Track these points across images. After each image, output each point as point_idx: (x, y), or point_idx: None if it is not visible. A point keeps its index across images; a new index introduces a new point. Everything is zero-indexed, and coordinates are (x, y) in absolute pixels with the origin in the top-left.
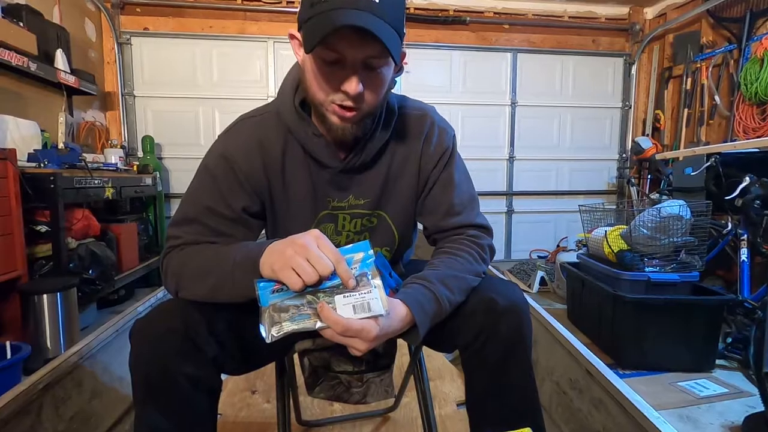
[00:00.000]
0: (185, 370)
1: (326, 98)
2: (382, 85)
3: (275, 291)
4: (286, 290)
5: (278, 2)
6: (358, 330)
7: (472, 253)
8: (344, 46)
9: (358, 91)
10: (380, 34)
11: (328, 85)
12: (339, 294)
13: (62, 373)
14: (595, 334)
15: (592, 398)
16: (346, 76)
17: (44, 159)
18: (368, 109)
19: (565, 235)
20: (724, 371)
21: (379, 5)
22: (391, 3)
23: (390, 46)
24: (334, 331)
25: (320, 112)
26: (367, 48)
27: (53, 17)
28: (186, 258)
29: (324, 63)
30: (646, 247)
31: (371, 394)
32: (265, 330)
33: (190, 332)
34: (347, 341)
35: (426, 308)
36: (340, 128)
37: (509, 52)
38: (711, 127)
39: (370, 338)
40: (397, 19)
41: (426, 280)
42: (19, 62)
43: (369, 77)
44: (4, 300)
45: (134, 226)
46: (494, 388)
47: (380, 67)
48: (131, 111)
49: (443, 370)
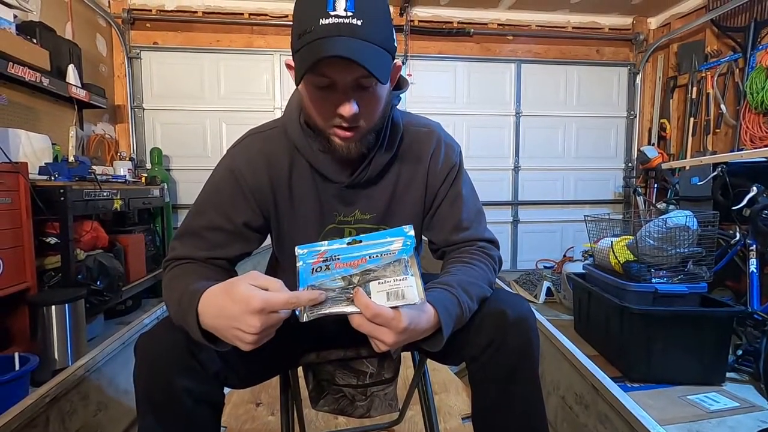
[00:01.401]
0: (187, 385)
1: (325, 123)
2: (377, 102)
3: (315, 270)
4: (325, 270)
5: (284, 16)
6: (389, 318)
7: (485, 262)
8: (332, 72)
9: (353, 112)
10: (363, 60)
11: (324, 110)
12: (374, 280)
13: (69, 386)
14: (602, 345)
15: (599, 414)
16: (339, 100)
17: (55, 172)
18: (368, 126)
19: (572, 244)
20: (734, 384)
21: (362, 27)
22: (375, 21)
23: (374, 68)
24: (364, 317)
25: (324, 135)
26: (355, 71)
27: (66, 33)
28: (172, 278)
29: (317, 89)
30: (652, 258)
31: (375, 408)
32: (299, 311)
33: (193, 347)
34: (375, 331)
35: (450, 312)
36: (344, 147)
37: (513, 62)
38: (717, 137)
39: (399, 329)
40: (384, 36)
41: (448, 284)
42: (32, 77)
43: (363, 97)
44: (14, 311)
45: (142, 238)
46: (501, 402)
47: (372, 85)
48: (140, 123)
49: (448, 383)
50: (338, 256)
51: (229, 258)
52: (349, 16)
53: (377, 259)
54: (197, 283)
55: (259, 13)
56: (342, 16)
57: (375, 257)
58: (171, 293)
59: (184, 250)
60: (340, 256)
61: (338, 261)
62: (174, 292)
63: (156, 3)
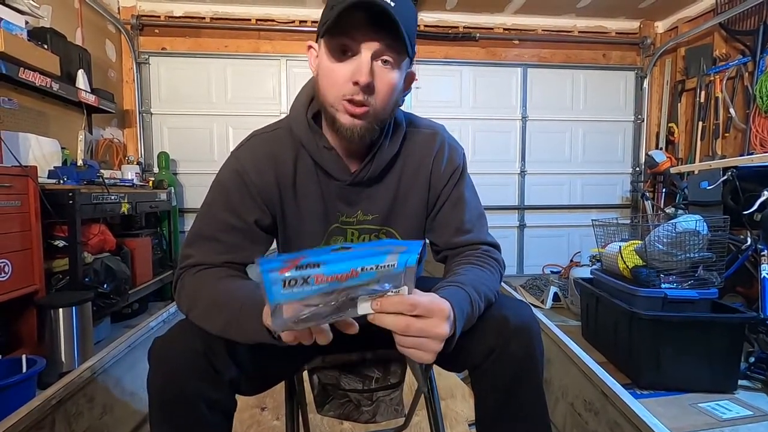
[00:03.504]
0: (203, 393)
1: (337, 94)
2: (391, 84)
3: (288, 284)
4: (302, 284)
5: (291, 22)
6: (429, 303)
7: (492, 265)
8: (355, 32)
9: (369, 80)
10: (392, 22)
11: (339, 79)
12: (364, 294)
13: (75, 388)
14: (611, 352)
15: (609, 421)
16: (358, 67)
17: (63, 176)
18: (378, 106)
19: (579, 249)
20: (747, 392)
21: (395, 8)
22: (406, 9)
23: (399, 36)
24: (404, 313)
25: (331, 115)
26: (381, 35)
27: (76, 39)
28: (199, 285)
29: (336, 54)
30: (662, 263)
31: (381, 413)
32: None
33: (209, 353)
34: (427, 325)
35: (463, 310)
36: (349, 129)
37: (519, 67)
38: (727, 141)
39: (446, 311)
40: (410, 27)
41: (460, 283)
42: (42, 83)
43: (379, 73)
44: (22, 314)
45: (148, 241)
46: (504, 409)
47: (391, 61)
48: (148, 128)
49: (455, 389)
50: (318, 264)
51: (243, 263)
52: None
53: (371, 273)
54: (252, 282)
55: (265, 18)
56: None
57: (369, 270)
58: (211, 295)
59: (200, 256)
60: (321, 265)
61: (320, 274)
62: (218, 297)
63: (164, 9)
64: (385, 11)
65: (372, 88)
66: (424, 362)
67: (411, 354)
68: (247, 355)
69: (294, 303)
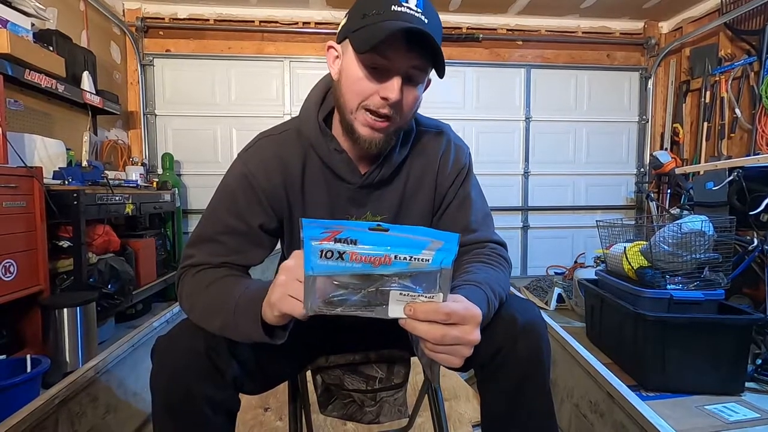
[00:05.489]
0: (206, 392)
1: (361, 104)
2: (415, 100)
3: (324, 254)
4: (338, 259)
5: (294, 23)
6: (462, 310)
7: (502, 263)
8: (394, 53)
9: (398, 98)
10: (431, 44)
11: (365, 91)
12: (396, 286)
13: (78, 388)
14: (616, 353)
15: (615, 422)
16: (389, 82)
17: (68, 176)
18: (400, 122)
19: (583, 250)
20: (754, 394)
21: (428, 25)
22: (436, 26)
23: (437, 53)
24: (439, 322)
25: (349, 122)
26: (414, 57)
27: (81, 41)
28: (197, 286)
29: (369, 69)
30: (667, 264)
31: (384, 414)
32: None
33: (212, 353)
34: (464, 333)
35: (482, 309)
36: (368, 140)
37: (523, 67)
38: (732, 141)
39: (478, 317)
40: (439, 42)
41: (476, 282)
42: (48, 84)
43: (407, 90)
44: (27, 314)
45: (153, 242)
46: (510, 410)
47: (419, 82)
48: (152, 129)
49: (458, 390)
50: (355, 241)
51: (246, 265)
52: (419, 12)
53: (404, 263)
54: (246, 281)
55: (269, 20)
56: (413, 9)
57: (403, 260)
58: (207, 297)
59: (201, 257)
60: (358, 243)
61: (355, 252)
62: (214, 298)
63: (169, 11)
64: (423, 33)
65: (400, 105)
66: (453, 366)
67: (441, 359)
68: (250, 354)
69: (327, 277)
